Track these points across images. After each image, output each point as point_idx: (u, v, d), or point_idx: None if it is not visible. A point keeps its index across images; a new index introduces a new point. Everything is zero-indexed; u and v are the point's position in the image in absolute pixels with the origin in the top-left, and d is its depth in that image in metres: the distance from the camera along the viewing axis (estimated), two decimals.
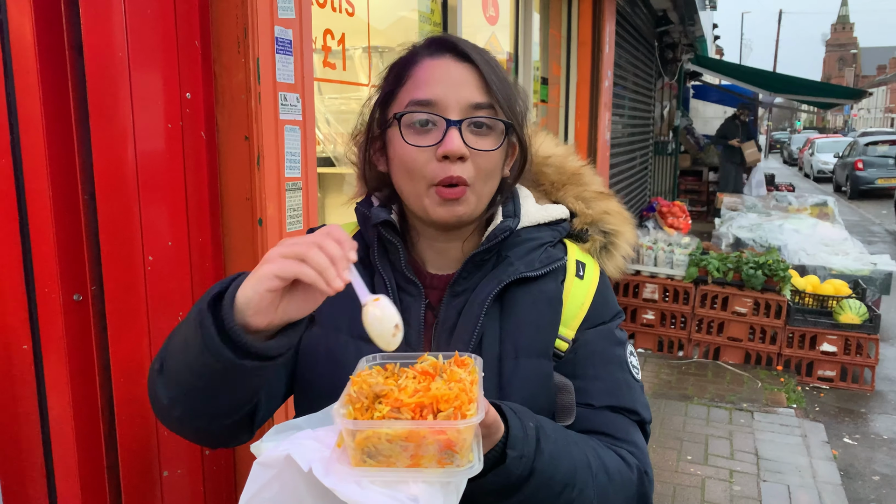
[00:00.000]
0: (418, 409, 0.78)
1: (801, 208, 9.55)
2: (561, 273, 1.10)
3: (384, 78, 1.08)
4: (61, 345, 1.55)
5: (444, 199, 1.00)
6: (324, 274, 0.79)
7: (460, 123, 0.99)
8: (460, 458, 0.77)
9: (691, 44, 11.97)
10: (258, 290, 0.81)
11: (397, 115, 1.01)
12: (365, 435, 0.76)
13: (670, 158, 12.83)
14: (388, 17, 3.09)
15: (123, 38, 1.56)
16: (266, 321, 0.82)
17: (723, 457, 4.06)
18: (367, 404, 0.79)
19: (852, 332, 5.21)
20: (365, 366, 0.87)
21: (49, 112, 1.48)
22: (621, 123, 7.67)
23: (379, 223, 1.07)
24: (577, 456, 0.96)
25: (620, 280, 5.91)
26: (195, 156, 1.74)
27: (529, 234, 1.11)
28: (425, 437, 0.76)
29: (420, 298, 1.06)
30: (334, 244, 0.81)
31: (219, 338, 0.81)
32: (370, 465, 0.77)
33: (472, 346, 1.02)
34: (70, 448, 1.59)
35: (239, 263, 1.84)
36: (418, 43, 1.06)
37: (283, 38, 1.81)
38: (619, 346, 1.11)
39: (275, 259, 0.81)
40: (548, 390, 1.05)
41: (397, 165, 1.04)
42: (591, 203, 1.20)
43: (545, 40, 5.40)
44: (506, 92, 1.03)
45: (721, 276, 5.58)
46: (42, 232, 1.51)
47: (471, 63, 1.00)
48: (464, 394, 0.79)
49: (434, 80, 1.00)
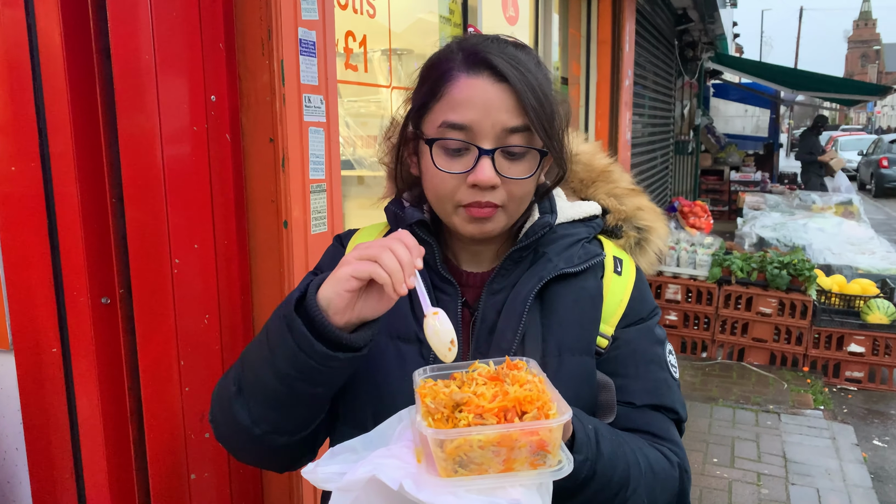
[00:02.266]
0: (502, 413, 0.77)
1: (825, 207, 9.42)
2: (599, 269, 1.09)
3: (419, 84, 1.05)
4: (90, 348, 1.56)
5: (473, 217, 1.00)
6: (392, 276, 0.84)
7: (493, 153, 0.97)
8: (552, 457, 0.77)
9: (711, 42, 11.87)
10: (338, 291, 0.87)
11: (429, 141, 0.99)
12: (456, 444, 0.75)
13: (691, 158, 12.73)
14: (408, 19, 3.08)
15: (150, 41, 1.56)
16: (345, 320, 0.88)
17: (750, 459, 4.01)
18: (447, 414, 0.79)
19: (881, 332, 5.11)
20: (420, 378, 0.87)
21: (77, 116, 1.49)
22: (641, 123, 7.61)
23: (413, 223, 1.06)
24: (630, 456, 0.97)
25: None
26: (220, 158, 1.75)
27: (565, 230, 1.10)
28: (518, 440, 0.75)
29: (456, 297, 1.05)
30: (405, 249, 0.86)
31: (311, 335, 0.86)
32: (462, 475, 0.76)
33: (515, 345, 1.01)
34: (99, 450, 1.60)
35: (264, 265, 1.84)
36: (455, 48, 1.01)
37: (307, 40, 1.81)
38: (658, 345, 1.11)
39: (350, 262, 0.87)
40: (591, 388, 1.04)
41: (427, 181, 1.03)
42: (623, 199, 1.20)
43: (564, 40, 5.38)
44: (544, 112, 0.98)
45: (745, 276, 5.51)
46: (71, 235, 1.52)
47: (507, 83, 0.96)
48: (542, 394, 0.79)
49: (469, 103, 0.96)
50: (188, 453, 1.75)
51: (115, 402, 1.62)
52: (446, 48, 1.03)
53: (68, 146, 1.49)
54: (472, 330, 1.04)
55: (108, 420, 1.60)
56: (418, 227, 1.07)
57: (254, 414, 0.95)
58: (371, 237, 1.16)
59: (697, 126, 12.96)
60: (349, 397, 1.06)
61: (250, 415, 0.95)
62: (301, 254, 1.83)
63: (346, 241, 1.18)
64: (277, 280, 1.82)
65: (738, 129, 17.76)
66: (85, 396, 1.58)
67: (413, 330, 1.03)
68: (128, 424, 1.65)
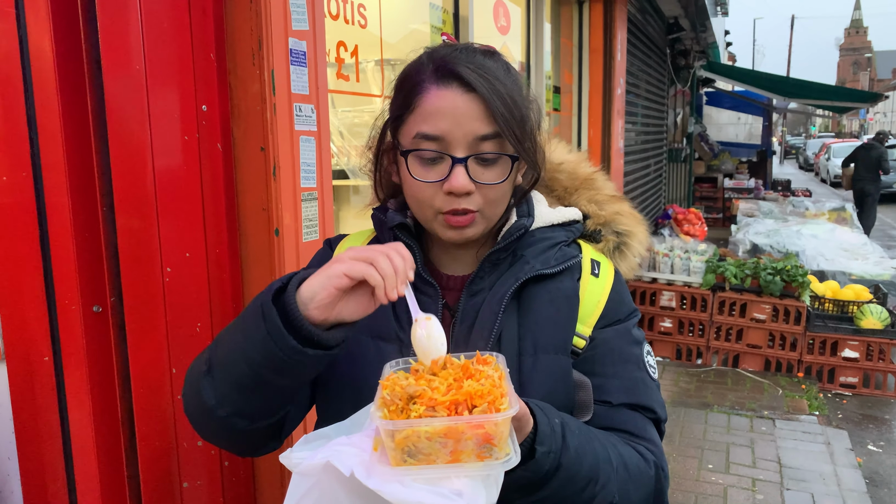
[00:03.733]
0: (453, 407, 0.79)
1: (818, 213, 9.47)
2: (576, 271, 1.12)
3: (394, 95, 1.08)
4: (81, 356, 1.57)
5: (452, 225, 1.03)
6: (386, 280, 0.86)
7: (465, 161, 1.00)
8: (498, 451, 0.79)
9: (703, 50, 11.95)
10: (326, 286, 0.87)
11: (404, 152, 1.03)
12: (404, 434, 0.77)
13: (684, 165, 12.78)
14: (401, 30, 3.11)
15: (140, 51, 1.58)
16: (323, 317, 0.88)
17: (745, 465, 4.01)
18: (401, 406, 0.81)
19: (874, 337, 5.13)
20: (391, 370, 0.89)
21: (68, 126, 1.50)
22: (634, 131, 7.65)
23: (395, 226, 1.09)
24: (600, 451, 0.98)
25: (637, 288, 5.90)
26: (211, 167, 1.76)
27: (544, 233, 1.12)
28: (464, 433, 0.77)
29: (437, 298, 1.08)
30: (400, 258, 0.89)
31: (284, 327, 0.87)
32: (411, 465, 0.78)
33: (491, 343, 1.04)
34: (91, 458, 1.60)
35: (256, 273, 1.85)
36: (425, 60, 1.04)
37: (298, 50, 1.83)
38: (636, 345, 1.13)
39: (345, 260, 0.88)
40: (567, 387, 1.06)
41: (407, 189, 1.07)
42: (604, 205, 1.23)
43: (556, 49, 5.41)
44: (513, 118, 1.01)
45: (739, 282, 5.53)
46: (62, 244, 1.53)
47: (476, 92, 0.99)
48: (496, 389, 0.81)
49: (440, 114, 0.99)
50: (180, 461, 1.75)
51: (107, 411, 1.62)
52: (417, 60, 1.06)
53: (60, 156, 1.50)
54: (452, 330, 1.07)
55: (99, 428, 1.60)
56: (400, 230, 1.10)
57: (219, 394, 0.96)
58: (357, 243, 1.19)
59: (690, 134, 13.03)
60: (329, 395, 1.08)
61: (216, 395, 0.96)
62: (292, 261, 1.84)
63: (335, 245, 1.21)
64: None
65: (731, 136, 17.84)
66: (77, 405, 1.59)
67: (394, 330, 1.06)
68: (120, 432, 1.65)
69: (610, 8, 5.80)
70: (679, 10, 8.87)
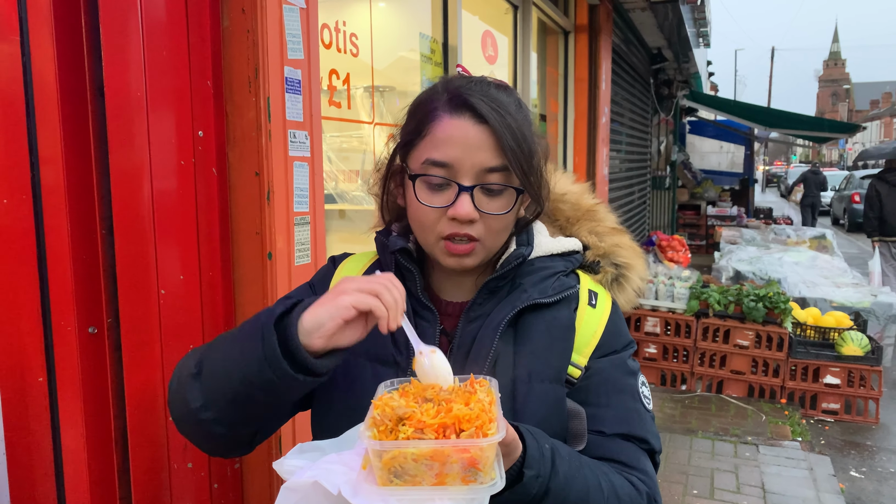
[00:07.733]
0: (441, 430, 0.81)
1: (799, 241, 9.60)
2: (574, 301, 1.13)
3: (406, 121, 1.11)
4: (76, 377, 1.58)
5: (452, 253, 1.06)
6: (390, 312, 0.90)
7: (472, 190, 1.03)
8: (483, 475, 0.80)
9: (686, 80, 12.17)
10: (335, 317, 0.90)
11: (413, 176, 1.05)
12: (391, 455, 0.79)
13: (668, 193, 12.94)
14: (391, 58, 3.17)
15: (142, 79, 1.62)
16: (321, 345, 0.91)
17: (729, 490, 4.03)
18: (391, 426, 0.82)
19: (855, 363, 5.20)
20: (384, 391, 0.91)
21: (69, 150, 1.53)
22: (619, 159, 7.76)
23: (396, 250, 1.12)
24: (590, 478, 0.99)
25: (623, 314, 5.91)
26: (207, 191, 1.79)
27: (543, 262, 1.14)
28: (450, 456, 0.79)
29: (435, 324, 1.10)
30: (397, 291, 0.92)
31: (280, 352, 0.90)
32: (397, 485, 0.80)
33: (486, 370, 1.05)
34: (83, 479, 1.60)
35: (248, 296, 1.87)
36: (440, 89, 1.07)
37: (293, 78, 1.87)
38: (631, 376, 1.13)
39: (351, 292, 0.91)
40: (560, 415, 1.07)
41: (412, 213, 1.09)
42: (604, 237, 1.25)
43: (543, 78, 5.51)
44: (522, 152, 1.03)
45: (722, 308, 5.59)
46: (59, 266, 1.55)
47: (487, 124, 1.02)
48: (484, 413, 0.82)
49: (451, 142, 1.02)
50: (172, 483, 1.76)
51: (101, 432, 1.63)
52: (433, 88, 1.09)
53: (60, 180, 1.52)
54: (449, 356, 1.07)
55: (92, 449, 1.61)
56: (401, 254, 1.12)
57: (205, 399, 0.99)
58: (360, 263, 1.22)
59: (674, 162, 13.21)
60: (326, 417, 1.10)
61: (202, 399, 0.99)
62: (284, 284, 1.87)
63: (338, 263, 1.23)
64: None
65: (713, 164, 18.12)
66: (70, 426, 1.59)
67: (391, 353, 1.08)
68: (112, 453, 1.65)
69: (595, 39, 5.93)
70: (662, 41, 9.06)
